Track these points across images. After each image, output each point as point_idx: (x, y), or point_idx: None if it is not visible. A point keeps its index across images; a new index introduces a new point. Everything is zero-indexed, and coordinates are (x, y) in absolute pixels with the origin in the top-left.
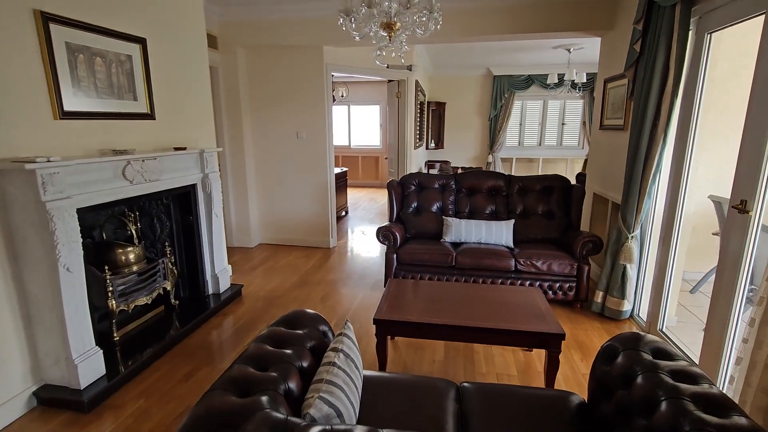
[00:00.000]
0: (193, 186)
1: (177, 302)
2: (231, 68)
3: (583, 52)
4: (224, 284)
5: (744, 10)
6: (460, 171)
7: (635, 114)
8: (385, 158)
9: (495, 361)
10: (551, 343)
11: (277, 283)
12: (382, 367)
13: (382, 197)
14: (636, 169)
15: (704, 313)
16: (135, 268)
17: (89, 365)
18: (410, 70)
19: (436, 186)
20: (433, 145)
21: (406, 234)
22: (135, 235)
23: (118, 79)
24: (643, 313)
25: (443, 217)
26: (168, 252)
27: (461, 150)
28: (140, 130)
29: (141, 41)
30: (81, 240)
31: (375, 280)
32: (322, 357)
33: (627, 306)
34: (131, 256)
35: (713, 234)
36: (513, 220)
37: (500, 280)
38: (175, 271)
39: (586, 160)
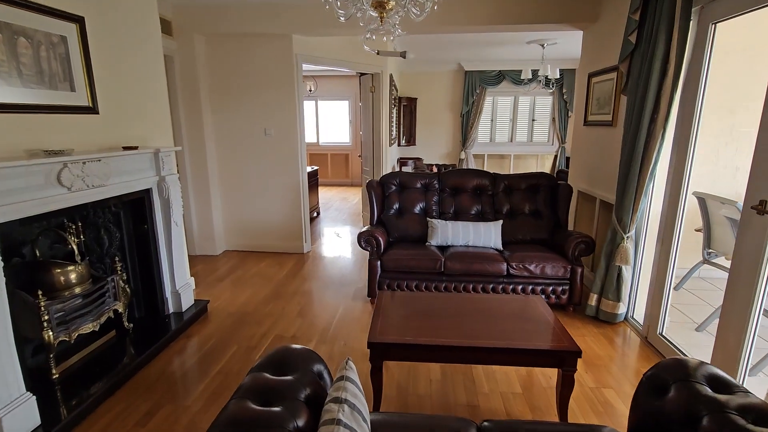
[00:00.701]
0: (148, 191)
1: (131, 325)
2: (188, 58)
3: (556, 48)
4: (187, 301)
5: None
6: (435, 169)
7: (630, 109)
8: (358, 156)
9: (496, 378)
10: (566, 361)
11: (247, 297)
12: (377, 399)
13: (354, 196)
14: (633, 166)
15: (692, 311)
16: (78, 290)
17: (18, 417)
18: (404, 57)
19: (419, 186)
20: (404, 142)
21: (389, 238)
22: (77, 251)
23: (50, 65)
24: (638, 316)
25: (427, 218)
26: (118, 268)
27: (433, 147)
28: (81, 127)
29: (78, 20)
30: (1, 262)
31: (356, 289)
32: (320, 409)
33: (622, 309)
34: (72, 276)
35: (696, 230)
36: (501, 221)
37: (491, 285)
38: (128, 290)
39: (556, 156)
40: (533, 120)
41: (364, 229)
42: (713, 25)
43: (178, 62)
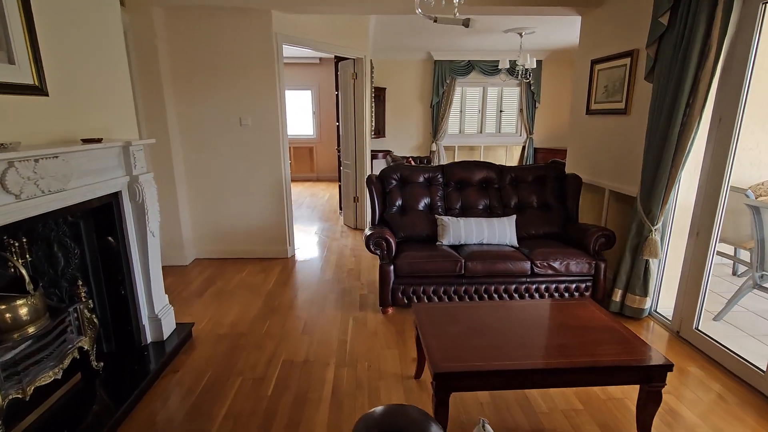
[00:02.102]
0: (116, 195)
1: (101, 364)
2: (144, 34)
3: (527, 39)
4: (168, 327)
5: None
6: (412, 162)
7: (659, 96)
8: (336, 149)
9: (550, 394)
10: (655, 376)
11: (236, 314)
12: None
13: (323, 192)
14: (664, 156)
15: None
16: (31, 329)
17: None
18: (467, 26)
19: (421, 180)
20: (373, 134)
21: (395, 239)
22: (27, 278)
23: None
24: (663, 309)
25: (436, 216)
26: (82, 294)
27: (403, 138)
28: (25, 112)
29: None
30: None
31: (360, 296)
32: None
33: (648, 303)
34: (23, 312)
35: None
36: (514, 216)
37: (514, 286)
38: (95, 320)
39: (524, 147)
40: (501, 111)
41: (368, 230)
42: (764, 5)
43: (132, 39)
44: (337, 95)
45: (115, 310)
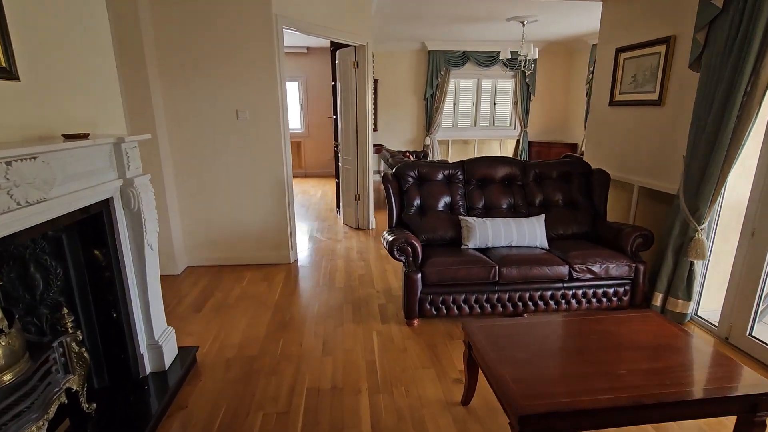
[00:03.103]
0: (107, 202)
1: (93, 406)
2: (127, 16)
3: (528, 29)
4: (170, 353)
5: None
6: (411, 157)
7: (708, 85)
8: (334, 143)
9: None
10: (762, 405)
11: (244, 331)
12: None
13: (313, 189)
14: (716, 151)
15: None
16: (8, 376)
17: None
18: None
19: (440, 178)
20: None
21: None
22: (0, 313)
23: None
24: (706, 314)
25: (460, 217)
26: (68, 324)
27: (396, 132)
28: None
29: None
30: None
31: (380, 305)
32: None
33: (691, 307)
34: None
35: None
36: (543, 216)
37: (550, 293)
38: (86, 354)
39: (518, 140)
40: (495, 104)
41: (389, 234)
42: None
43: (113, 20)
44: (334, 86)
45: (107, 338)
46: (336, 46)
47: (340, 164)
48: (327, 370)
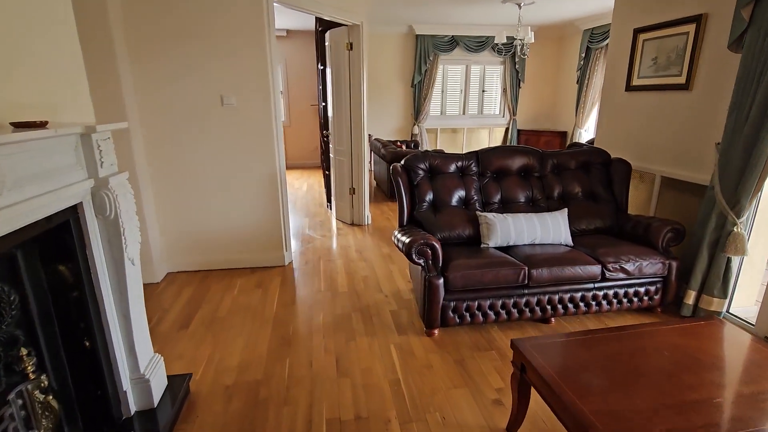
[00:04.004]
0: (75, 209)
1: None
2: None
3: (527, 10)
4: (159, 386)
5: None
6: (403, 147)
7: (752, 67)
8: (324, 133)
9: None
10: None
11: (242, 350)
12: None
13: (297, 181)
14: (763, 139)
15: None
16: None
17: None
18: None
19: (453, 170)
20: None
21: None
22: None
23: None
24: (738, 311)
25: (477, 213)
26: (28, 367)
27: (383, 121)
28: None
29: None
30: None
31: (392, 313)
32: None
33: (725, 305)
34: None
35: None
36: (566, 210)
37: (580, 294)
38: (53, 404)
39: (507, 129)
40: (483, 91)
41: (405, 236)
42: None
43: None
44: (322, 70)
45: (80, 373)
46: (324, 27)
47: (331, 155)
48: (346, 396)
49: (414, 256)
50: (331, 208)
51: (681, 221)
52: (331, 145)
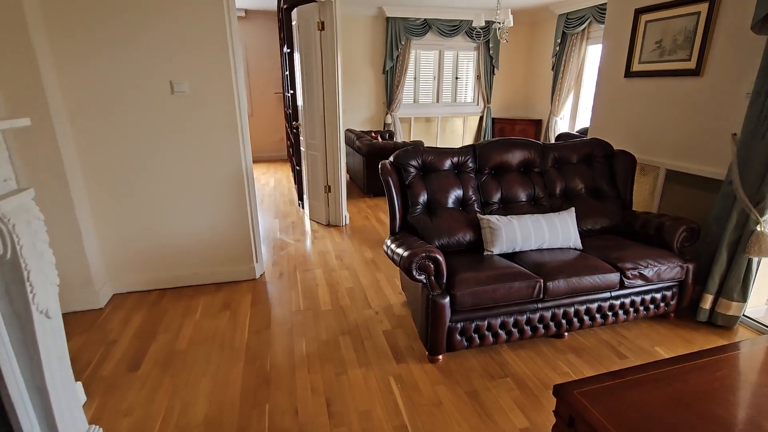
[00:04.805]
0: None
1: None
2: None
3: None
4: None
5: None
6: (378, 138)
7: None
8: (294, 123)
9: None
10: None
11: (209, 395)
12: None
13: (263, 177)
14: None
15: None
16: None
17: None
18: None
19: (448, 166)
20: None
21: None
22: None
23: None
24: (753, 314)
25: (478, 216)
26: None
27: (353, 110)
28: None
29: None
30: None
31: (387, 334)
32: None
33: (744, 309)
34: None
35: None
36: (573, 209)
37: (596, 305)
38: None
39: (481, 117)
40: (457, 78)
41: (399, 246)
42: None
43: None
44: (288, 53)
45: None
46: (290, 4)
47: (302, 149)
48: None
49: (414, 273)
50: (303, 207)
51: (690, 218)
52: (302, 138)
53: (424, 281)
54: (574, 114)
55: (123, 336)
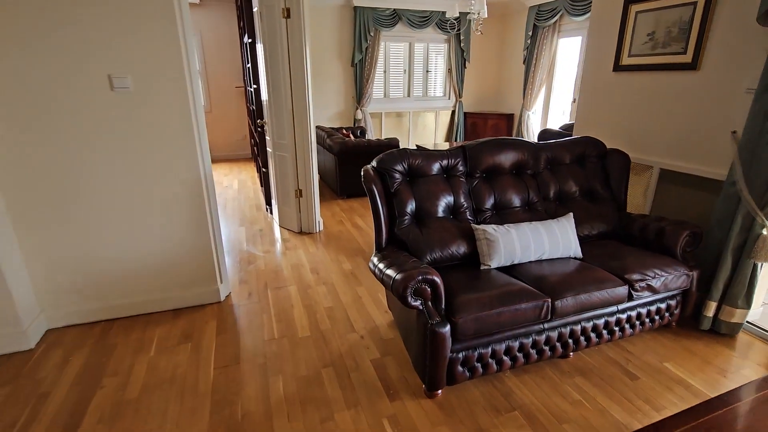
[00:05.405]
0: None
1: None
2: None
3: None
4: None
5: None
6: (351, 136)
7: None
8: (259, 121)
9: None
10: None
11: None
12: None
13: (225, 178)
14: None
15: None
16: None
17: None
18: None
19: (436, 170)
20: None
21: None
22: None
23: None
24: (754, 320)
25: (473, 226)
26: None
27: (321, 105)
28: None
29: None
30: None
31: (374, 366)
32: None
33: (747, 315)
34: None
35: None
36: (571, 215)
37: (603, 320)
38: None
39: (453, 112)
40: (427, 71)
41: (389, 267)
42: None
43: None
44: (249, 44)
45: None
46: None
47: (269, 149)
48: None
49: (410, 300)
50: (271, 212)
51: (690, 221)
52: (268, 138)
53: (421, 308)
54: (546, 108)
55: (59, 384)
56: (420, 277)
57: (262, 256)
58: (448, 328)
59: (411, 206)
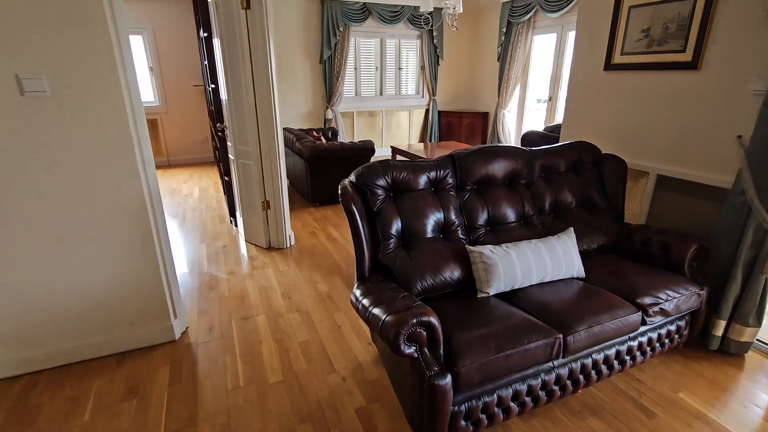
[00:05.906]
0: None
1: None
2: None
3: None
4: None
5: None
6: (322, 138)
7: None
8: (219, 126)
9: None
10: None
11: None
12: None
13: (185, 185)
14: None
15: None
16: None
17: None
18: None
19: (424, 184)
20: None
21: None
22: None
23: None
24: (759, 334)
25: (467, 247)
26: None
27: (289, 105)
28: None
29: None
30: None
31: (360, 417)
32: None
33: (757, 334)
34: None
35: None
36: (572, 229)
37: (614, 350)
38: None
39: (427, 110)
40: (400, 68)
41: (375, 306)
42: None
43: None
44: (206, 38)
45: None
46: None
47: (231, 156)
48: None
49: (402, 347)
50: (235, 225)
51: (690, 232)
52: (229, 144)
53: (416, 356)
54: (522, 107)
55: None
56: (414, 321)
57: (225, 279)
58: (449, 379)
59: (396, 226)
